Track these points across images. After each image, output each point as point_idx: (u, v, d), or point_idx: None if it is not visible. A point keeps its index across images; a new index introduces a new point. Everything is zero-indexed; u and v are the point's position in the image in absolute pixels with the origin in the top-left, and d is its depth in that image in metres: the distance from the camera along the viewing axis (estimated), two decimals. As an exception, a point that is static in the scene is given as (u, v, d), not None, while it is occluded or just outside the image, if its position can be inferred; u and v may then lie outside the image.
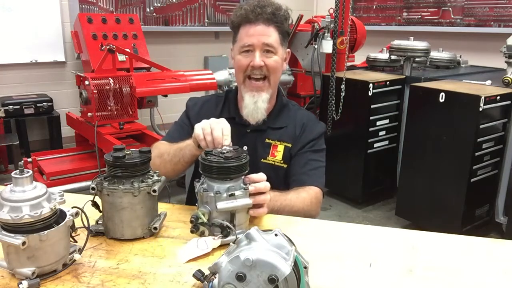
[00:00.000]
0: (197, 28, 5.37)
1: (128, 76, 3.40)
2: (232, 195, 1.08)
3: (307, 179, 1.43)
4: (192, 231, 1.08)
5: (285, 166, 1.47)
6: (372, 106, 3.24)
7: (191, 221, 1.07)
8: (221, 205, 1.07)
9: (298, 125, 1.51)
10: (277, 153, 1.47)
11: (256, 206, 1.14)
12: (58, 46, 4.49)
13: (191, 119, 1.50)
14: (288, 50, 1.50)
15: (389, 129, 3.41)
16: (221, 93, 1.61)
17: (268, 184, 1.15)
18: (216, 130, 1.18)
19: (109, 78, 3.30)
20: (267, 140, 1.48)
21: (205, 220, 1.07)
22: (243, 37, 1.39)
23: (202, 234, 1.09)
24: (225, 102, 1.55)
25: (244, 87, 1.44)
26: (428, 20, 5.13)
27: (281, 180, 1.47)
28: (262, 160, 1.47)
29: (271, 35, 1.38)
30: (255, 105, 1.42)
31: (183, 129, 1.50)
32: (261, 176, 1.16)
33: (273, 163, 1.47)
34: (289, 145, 1.48)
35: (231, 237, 1.07)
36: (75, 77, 3.56)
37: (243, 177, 1.14)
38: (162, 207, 1.24)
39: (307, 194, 1.38)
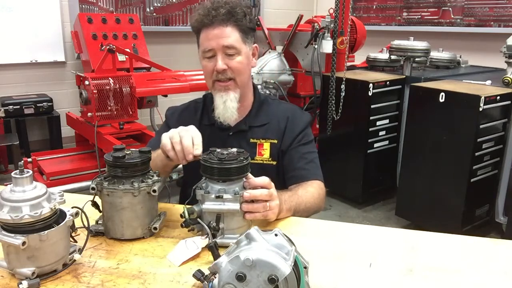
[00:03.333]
0: (197, 28, 5.36)
1: (128, 76, 3.40)
2: (219, 197, 1.06)
3: (306, 174, 1.43)
4: (181, 226, 1.08)
5: (274, 163, 1.46)
6: (372, 106, 3.24)
7: (181, 216, 1.08)
8: (206, 205, 1.07)
9: (282, 119, 1.49)
10: (264, 151, 1.46)
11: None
12: (58, 46, 4.49)
13: (171, 128, 1.48)
14: (255, 45, 1.47)
15: (389, 129, 3.41)
16: (199, 99, 1.59)
17: (265, 192, 1.11)
18: (185, 139, 1.15)
19: (109, 78, 3.29)
20: (251, 140, 1.47)
21: (187, 218, 1.07)
22: (203, 42, 1.38)
23: (191, 231, 1.09)
24: (203, 108, 1.54)
25: (213, 90, 1.44)
26: (428, 20, 5.13)
27: (272, 177, 1.46)
28: (250, 161, 1.46)
29: (230, 35, 1.36)
30: (224, 104, 1.40)
31: None
32: (263, 180, 1.12)
33: (262, 162, 1.46)
34: (275, 141, 1.47)
35: (211, 240, 1.01)
36: (75, 77, 3.56)
37: (244, 179, 1.12)
38: (162, 207, 1.24)
39: (314, 188, 1.39)
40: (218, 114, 1.43)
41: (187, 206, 1.08)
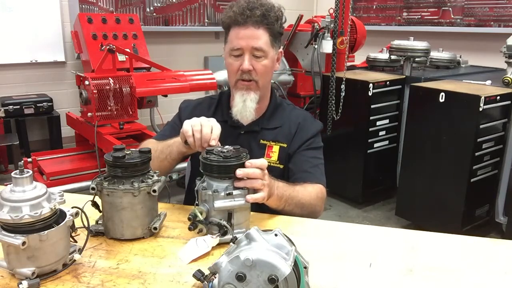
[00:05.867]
0: (197, 28, 5.37)
1: (128, 76, 3.40)
2: (229, 194, 1.08)
3: (309, 177, 1.43)
4: (190, 229, 1.08)
5: (281, 166, 1.47)
6: (372, 106, 3.24)
7: (189, 219, 1.08)
8: (218, 203, 1.08)
9: (293, 124, 1.50)
10: (273, 154, 1.47)
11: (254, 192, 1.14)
12: (58, 46, 4.49)
13: (182, 121, 1.50)
14: (281, 50, 1.48)
15: (389, 129, 3.41)
16: (215, 95, 1.60)
17: (258, 171, 1.12)
18: (206, 127, 1.19)
19: (109, 78, 3.29)
20: (261, 141, 1.48)
21: (202, 218, 1.07)
22: (233, 40, 1.39)
23: (200, 232, 1.10)
24: (218, 105, 1.55)
25: (235, 89, 1.44)
26: (428, 20, 5.13)
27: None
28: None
29: (260, 38, 1.37)
30: (244, 103, 1.42)
31: (174, 129, 1.49)
32: (262, 162, 1.15)
33: (269, 164, 1.46)
34: (284, 145, 1.47)
35: (228, 236, 1.07)
36: (75, 77, 3.55)
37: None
38: (162, 207, 1.24)
39: (313, 189, 1.39)
40: (236, 112, 1.44)
41: (198, 208, 1.09)
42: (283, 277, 0.76)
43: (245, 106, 1.42)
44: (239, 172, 1.10)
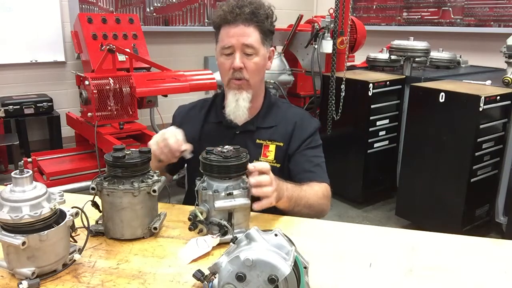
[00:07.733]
0: (197, 28, 5.37)
1: (128, 76, 3.40)
2: (230, 194, 1.08)
3: (313, 176, 1.43)
4: (190, 229, 1.08)
5: (278, 165, 1.46)
6: (372, 106, 3.24)
7: (189, 219, 1.08)
8: (218, 204, 1.08)
9: (290, 123, 1.49)
10: (269, 153, 1.47)
11: (257, 199, 1.14)
12: (58, 46, 4.49)
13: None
14: (272, 48, 1.48)
15: (389, 129, 3.41)
16: (209, 98, 1.61)
17: (267, 178, 1.14)
18: (171, 139, 1.24)
19: (109, 78, 3.29)
20: (258, 141, 1.47)
21: (202, 218, 1.07)
22: (224, 38, 1.39)
23: (200, 232, 1.10)
24: (211, 106, 1.55)
25: (228, 88, 1.45)
26: (428, 20, 5.13)
27: None
28: (255, 161, 1.46)
29: (251, 35, 1.37)
30: (237, 103, 1.42)
31: None
32: (266, 165, 1.15)
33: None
34: (281, 144, 1.47)
35: (228, 236, 1.07)
36: (75, 77, 3.55)
37: (244, 176, 1.13)
38: (162, 207, 1.24)
39: (319, 188, 1.39)
40: (229, 112, 1.44)
41: (199, 208, 1.09)
42: (283, 277, 0.76)
43: (238, 106, 1.42)
44: (253, 180, 1.11)
